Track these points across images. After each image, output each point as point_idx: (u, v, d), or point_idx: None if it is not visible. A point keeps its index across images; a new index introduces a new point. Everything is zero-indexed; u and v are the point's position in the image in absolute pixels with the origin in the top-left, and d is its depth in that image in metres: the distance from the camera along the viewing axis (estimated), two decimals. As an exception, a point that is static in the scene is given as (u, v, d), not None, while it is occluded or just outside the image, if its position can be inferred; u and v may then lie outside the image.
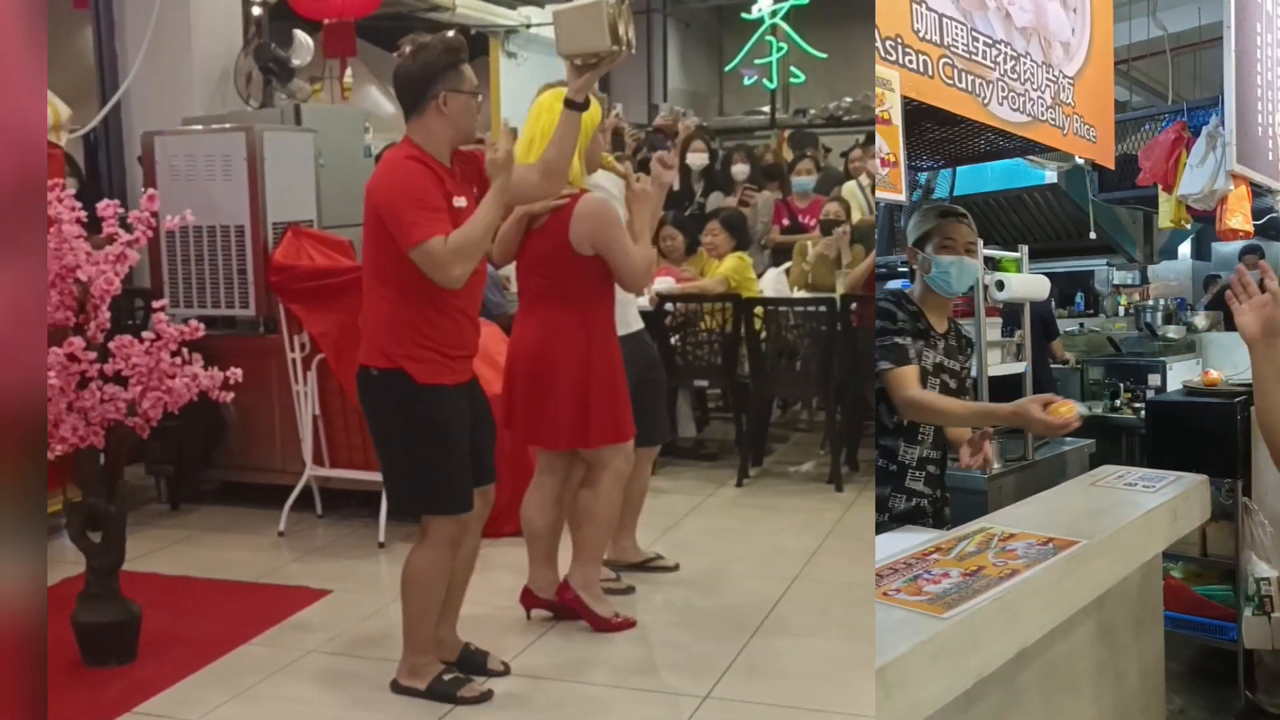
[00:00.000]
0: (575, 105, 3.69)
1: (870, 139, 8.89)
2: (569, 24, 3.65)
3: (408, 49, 3.53)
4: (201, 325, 4.00)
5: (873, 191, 7.47)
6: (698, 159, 8.43)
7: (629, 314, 4.55)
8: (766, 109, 11.67)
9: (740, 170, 8.22)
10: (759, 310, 6.02)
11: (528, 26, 11.87)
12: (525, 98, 7.76)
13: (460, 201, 3.53)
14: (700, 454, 6.54)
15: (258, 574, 4.87)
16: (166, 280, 5.72)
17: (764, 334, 6.05)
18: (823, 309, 5.89)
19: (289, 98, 7.03)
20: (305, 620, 4.36)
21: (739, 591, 4.59)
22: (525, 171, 3.75)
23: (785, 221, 7.90)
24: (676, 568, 4.81)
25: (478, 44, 11.42)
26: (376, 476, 4.22)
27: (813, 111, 11.21)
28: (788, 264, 6.98)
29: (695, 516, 5.58)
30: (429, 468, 3.57)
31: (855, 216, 7.26)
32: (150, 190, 4.11)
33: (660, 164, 4.33)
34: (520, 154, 4.06)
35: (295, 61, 7.24)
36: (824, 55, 11.35)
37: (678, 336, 6.19)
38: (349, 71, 9.00)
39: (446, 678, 3.68)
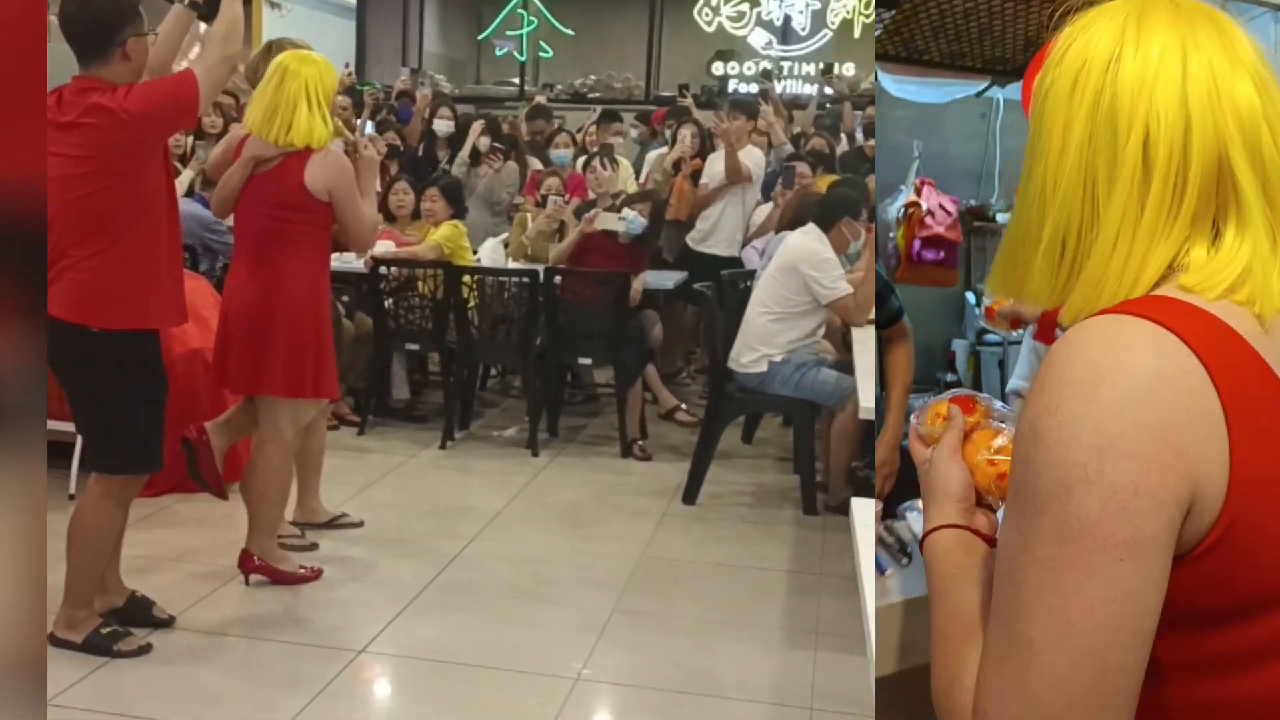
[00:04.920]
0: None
1: (605, 116, 9.06)
2: None
3: None
4: None
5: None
6: (444, 125, 8.46)
7: None
8: (518, 80, 11.86)
9: (483, 141, 8.26)
10: (467, 278, 6.17)
11: (290, -22, 11.66)
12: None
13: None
14: (412, 416, 6.66)
15: (-70, 524, 4.74)
16: None
17: (471, 301, 6.21)
18: (527, 280, 6.07)
19: None
20: (-27, 571, 4.29)
21: (417, 550, 4.72)
22: None
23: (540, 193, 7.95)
24: (361, 524, 4.92)
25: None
26: (70, 426, 4.14)
27: (559, 87, 11.44)
28: (506, 234, 7.14)
29: (394, 476, 5.70)
30: (142, 426, 3.58)
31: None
32: None
33: (370, 144, 4.48)
34: (258, 124, 4.06)
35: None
36: (572, 33, 11.64)
37: (392, 300, 6.29)
38: None
39: (104, 631, 3.66)
